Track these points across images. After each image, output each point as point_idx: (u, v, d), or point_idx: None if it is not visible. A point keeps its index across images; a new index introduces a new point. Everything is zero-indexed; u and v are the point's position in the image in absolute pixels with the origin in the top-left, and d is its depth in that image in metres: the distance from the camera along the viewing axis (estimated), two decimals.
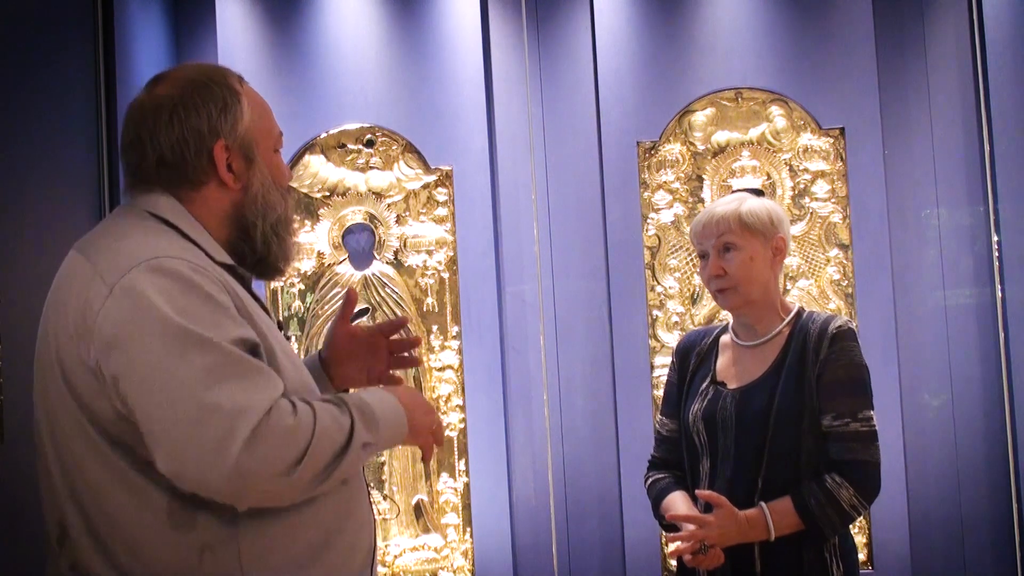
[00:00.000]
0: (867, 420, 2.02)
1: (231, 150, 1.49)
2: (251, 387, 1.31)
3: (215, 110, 1.48)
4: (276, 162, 1.58)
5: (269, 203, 1.53)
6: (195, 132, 1.47)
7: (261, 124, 1.54)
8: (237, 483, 1.28)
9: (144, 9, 3.23)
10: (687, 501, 2.12)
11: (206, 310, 1.34)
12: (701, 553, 1.98)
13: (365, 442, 1.40)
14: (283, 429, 1.30)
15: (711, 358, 2.20)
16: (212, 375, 1.29)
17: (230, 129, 1.49)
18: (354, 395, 1.47)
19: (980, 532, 3.36)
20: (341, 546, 1.49)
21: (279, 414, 1.31)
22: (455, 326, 3.36)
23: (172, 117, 1.47)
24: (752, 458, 2.04)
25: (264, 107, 1.58)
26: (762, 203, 2.16)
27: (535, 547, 3.37)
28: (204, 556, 1.38)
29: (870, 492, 2.01)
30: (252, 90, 1.58)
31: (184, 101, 1.48)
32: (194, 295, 1.34)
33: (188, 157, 1.47)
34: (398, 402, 1.50)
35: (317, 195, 3.39)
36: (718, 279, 2.12)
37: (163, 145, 1.47)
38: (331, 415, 1.37)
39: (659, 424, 2.30)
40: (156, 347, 1.30)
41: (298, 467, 1.31)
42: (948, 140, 3.44)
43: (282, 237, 1.56)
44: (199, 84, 1.49)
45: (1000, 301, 3.35)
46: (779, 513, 1.98)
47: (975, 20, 3.40)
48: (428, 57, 3.42)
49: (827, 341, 2.05)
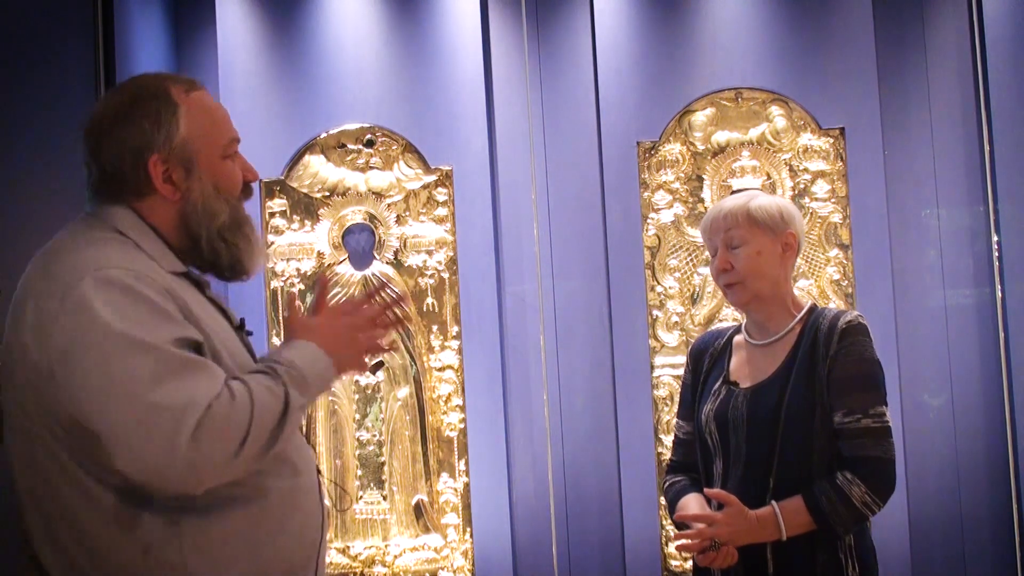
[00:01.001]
0: (879, 416, 1.99)
1: (168, 162, 1.54)
2: (191, 383, 1.40)
3: (148, 124, 1.53)
4: (223, 169, 1.61)
5: (210, 211, 1.58)
6: (130, 147, 1.53)
7: (206, 133, 1.58)
8: (189, 473, 1.37)
9: (144, 9, 3.23)
10: (700, 502, 2.10)
11: (147, 316, 1.42)
12: (712, 550, 1.96)
13: (300, 404, 1.50)
14: (224, 418, 1.39)
15: (724, 358, 2.18)
16: (154, 376, 1.38)
17: (164, 142, 1.53)
18: (282, 356, 1.53)
19: (980, 532, 3.36)
20: (284, 540, 1.55)
21: (219, 405, 1.40)
22: (455, 326, 3.36)
23: (110, 133, 1.54)
24: (763, 457, 2.01)
25: (213, 115, 1.61)
26: (773, 199, 2.14)
27: (535, 547, 3.37)
28: (148, 553, 1.46)
29: (883, 489, 1.97)
30: (204, 97, 1.61)
31: (120, 117, 1.54)
32: (136, 303, 1.43)
33: (126, 171, 1.54)
34: (319, 348, 1.56)
35: (317, 195, 3.39)
36: (725, 273, 2.10)
37: (103, 160, 1.55)
38: (266, 388, 1.46)
39: (676, 427, 2.28)
40: (103, 355, 1.39)
41: (244, 447, 1.41)
42: (948, 140, 3.44)
43: (230, 242, 1.60)
44: (135, 99, 1.55)
45: (1000, 301, 3.34)
46: (790, 512, 1.95)
47: (975, 20, 3.40)
48: (428, 57, 3.42)
49: (837, 336, 2.02)
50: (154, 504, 1.45)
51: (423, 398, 3.35)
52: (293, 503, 1.57)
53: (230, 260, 1.62)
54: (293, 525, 1.57)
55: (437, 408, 3.34)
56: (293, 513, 1.57)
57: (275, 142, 3.39)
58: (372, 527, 3.32)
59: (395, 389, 3.36)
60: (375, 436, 3.35)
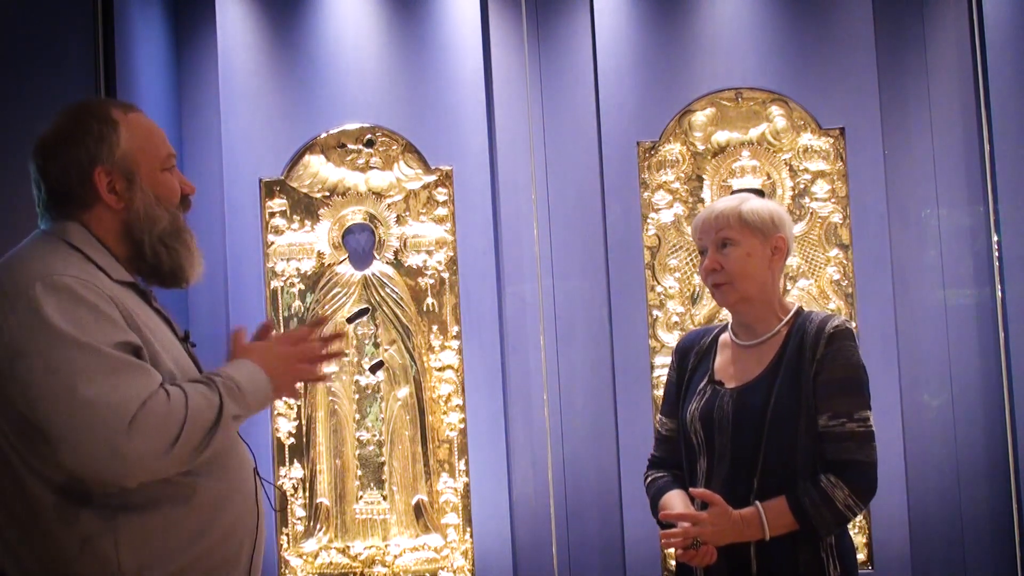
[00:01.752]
0: (863, 420, 2.01)
1: (112, 173, 1.68)
2: (128, 382, 1.52)
3: (91, 141, 1.67)
4: (162, 180, 1.74)
5: (152, 217, 1.71)
6: (76, 163, 1.67)
7: (144, 147, 1.72)
8: (121, 466, 1.49)
9: (144, 9, 3.23)
10: (684, 500, 2.12)
11: (91, 320, 1.54)
12: (693, 548, 1.98)
13: (234, 415, 1.62)
14: (158, 416, 1.51)
15: (710, 357, 2.20)
16: (93, 374, 1.50)
17: (107, 155, 1.67)
18: (223, 371, 1.66)
19: (980, 532, 3.36)
20: (213, 539, 1.66)
21: (154, 403, 1.52)
22: (455, 326, 3.36)
23: (56, 153, 1.68)
24: (748, 457, 2.04)
25: (150, 132, 1.75)
26: (765, 203, 2.16)
27: (535, 547, 3.37)
28: (84, 547, 1.57)
29: (865, 493, 2.00)
30: (140, 117, 1.75)
31: (65, 138, 1.68)
32: (81, 307, 1.54)
33: (73, 185, 1.67)
34: (259, 368, 1.69)
35: (317, 195, 3.39)
36: (714, 273, 2.13)
37: (52, 178, 1.69)
38: (202, 395, 1.58)
39: (659, 423, 2.31)
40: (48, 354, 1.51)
41: (175, 446, 1.52)
42: (948, 140, 3.44)
43: (171, 248, 1.73)
44: (77, 120, 1.69)
45: (1000, 301, 3.34)
46: (774, 512, 1.98)
47: (975, 20, 3.40)
48: (428, 57, 3.42)
49: (824, 340, 2.04)
50: (92, 500, 1.56)
51: (423, 398, 3.35)
52: (224, 503, 1.68)
53: (171, 266, 1.74)
54: (223, 525, 1.67)
55: (437, 408, 3.34)
56: (222, 513, 1.68)
57: (275, 142, 3.39)
58: (372, 527, 3.32)
59: (395, 389, 3.36)
60: (375, 436, 3.35)
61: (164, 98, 3.40)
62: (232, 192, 3.37)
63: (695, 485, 2.12)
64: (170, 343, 1.70)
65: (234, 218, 3.37)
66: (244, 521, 1.73)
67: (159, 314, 1.74)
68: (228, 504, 1.69)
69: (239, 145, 3.38)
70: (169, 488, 1.60)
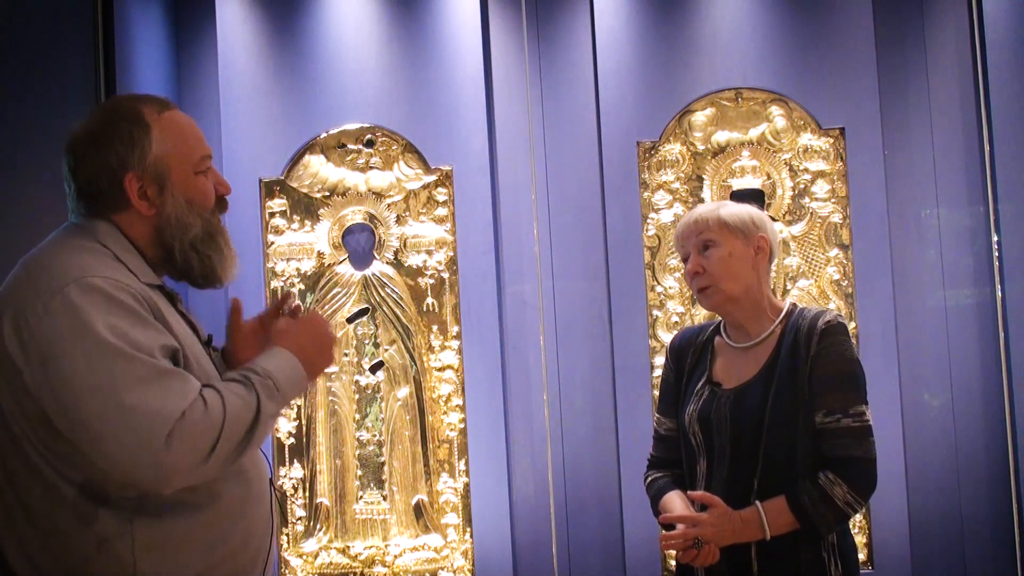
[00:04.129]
0: (859, 415, 2.01)
1: (143, 179, 1.64)
2: (167, 391, 1.48)
3: (122, 145, 1.63)
4: (196, 184, 1.70)
5: (184, 223, 1.68)
6: (106, 167, 1.63)
7: (177, 151, 1.67)
8: (159, 474, 1.47)
9: (144, 9, 3.23)
10: (684, 500, 2.12)
11: (128, 323, 1.51)
12: (694, 548, 1.98)
13: (272, 414, 1.59)
14: (196, 425, 1.48)
15: (706, 358, 2.20)
16: (133, 381, 1.47)
17: (138, 161, 1.63)
18: (259, 365, 1.62)
19: (980, 532, 3.36)
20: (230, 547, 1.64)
21: (192, 412, 1.48)
22: (455, 326, 3.36)
23: (85, 154, 1.64)
24: (747, 458, 2.04)
25: (183, 133, 1.69)
26: (743, 207, 2.18)
27: (535, 547, 3.37)
28: (101, 548, 1.55)
29: (864, 489, 2.00)
30: (175, 116, 1.70)
31: (95, 139, 1.64)
32: (118, 310, 1.52)
33: (103, 188, 1.64)
34: (293, 356, 1.65)
35: (317, 195, 3.39)
36: (698, 276, 2.13)
37: (80, 179, 1.65)
38: (239, 397, 1.55)
39: (657, 423, 2.30)
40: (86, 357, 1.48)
41: (212, 454, 1.50)
42: (948, 140, 3.44)
43: (202, 252, 1.70)
44: (109, 122, 1.65)
45: (1000, 301, 3.34)
46: (774, 512, 1.98)
47: (975, 20, 3.40)
48: (428, 57, 3.42)
49: (816, 336, 2.04)
50: (111, 501, 1.54)
51: (423, 398, 3.35)
52: (242, 511, 1.66)
53: (202, 270, 1.72)
54: (240, 532, 1.66)
55: (437, 408, 3.34)
56: (240, 521, 1.66)
57: (275, 142, 3.39)
58: (372, 527, 3.32)
59: (395, 389, 3.36)
60: (375, 436, 3.35)
61: None
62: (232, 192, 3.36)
63: (695, 486, 2.12)
64: (197, 348, 1.68)
65: (234, 218, 3.37)
66: (260, 531, 1.71)
67: (184, 317, 1.72)
68: (247, 512, 1.68)
69: (239, 145, 3.38)
70: (191, 494, 1.58)
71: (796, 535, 1.99)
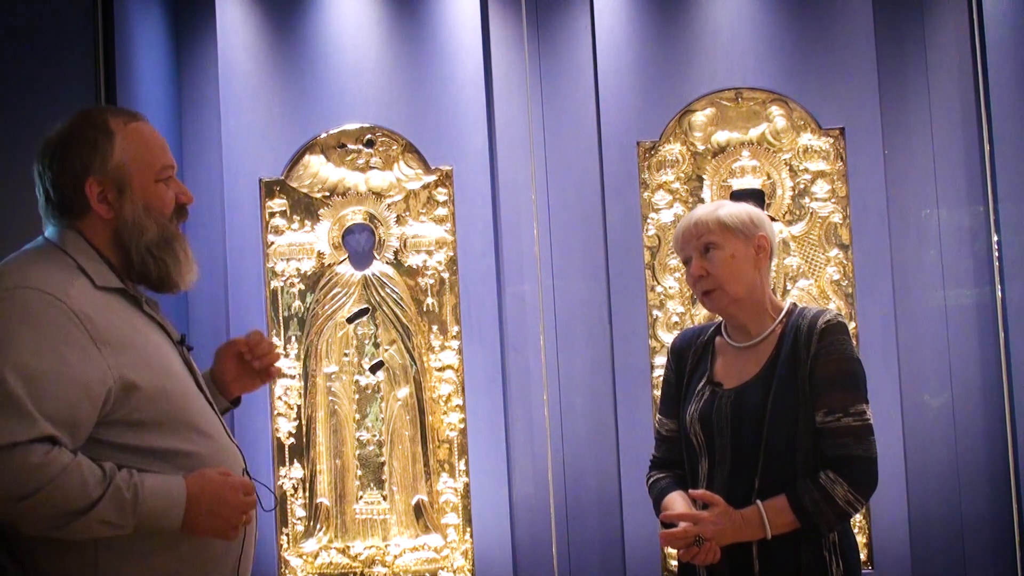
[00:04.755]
0: (860, 414, 2.01)
1: (104, 183, 1.71)
2: (7, 418, 1.51)
3: (86, 151, 1.70)
4: (155, 191, 1.76)
5: (140, 227, 1.73)
6: (70, 171, 1.70)
7: (139, 158, 1.74)
8: None
9: (144, 9, 3.23)
10: (685, 500, 2.12)
11: (29, 339, 1.55)
12: (695, 546, 1.98)
13: (106, 520, 1.56)
14: (19, 465, 1.50)
15: (707, 358, 2.20)
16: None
17: (99, 166, 1.70)
18: (143, 478, 1.61)
19: (980, 532, 3.36)
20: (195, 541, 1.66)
21: (25, 452, 1.50)
22: (455, 326, 3.36)
23: (52, 161, 1.72)
24: (748, 458, 2.04)
25: (148, 142, 1.76)
26: (741, 206, 2.17)
27: (535, 547, 3.37)
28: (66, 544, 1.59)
29: (866, 488, 2.00)
30: (141, 127, 1.77)
31: (60, 145, 1.72)
32: (24, 325, 1.56)
33: (67, 193, 1.71)
34: (183, 499, 1.62)
35: (317, 195, 3.39)
36: (701, 280, 2.13)
37: (48, 184, 1.73)
38: (83, 480, 1.54)
39: (658, 424, 2.31)
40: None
41: (23, 502, 1.50)
42: (948, 140, 3.44)
43: (158, 257, 1.75)
44: (76, 128, 1.73)
45: (1000, 301, 3.34)
46: (775, 511, 1.98)
47: (975, 20, 3.40)
48: (428, 57, 3.42)
49: (816, 336, 2.04)
50: None
51: (423, 398, 3.35)
52: None
53: (158, 274, 1.76)
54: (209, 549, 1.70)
55: (437, 408, 3.34)
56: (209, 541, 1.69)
57: (275, 142, 3.39)
58: (372, 527, 3.32)
59: (395, 389, 3.36)
60: (375, 436, 3.35)
61: (164, 98, 3.40)
62: (232, 192, 3.37)
63: (696, 486, 2.12)
64: (158, 348, 1.71)
65: (234, 218, 3.37)
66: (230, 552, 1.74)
67: (151, 318, 1.76)
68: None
69: (239, 145, 3.38)
70: None
71: (797, 534, 1.99)
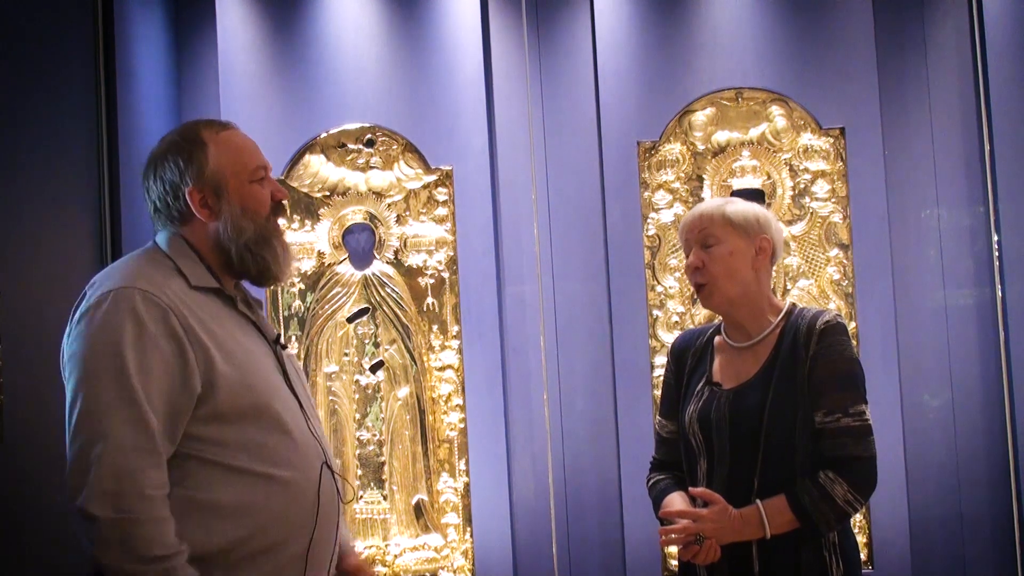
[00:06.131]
0: (859, 415, 2.01)
1: (203, 191, 1.84)
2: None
3: (183, 163, 1.84)
4: (250, 192, 1.88)
5: (238, 228, 1.85)
6: (171, 184, 1.85)
7: (233, 163, 1.87)
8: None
9: (144, 9, 3.23)
10: (685, 501, 2.13)
11: (136, 346, 1.66)
12: (695, 544, 1.98)
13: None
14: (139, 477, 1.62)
15: (707, 359, 2.20)
16: (110, 406, 1.63)
17: (196, 175, 1.84)
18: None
19: (980, 532, 3.36)
20: (266, 541, 1.73)
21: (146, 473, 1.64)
22: (455, 326, 3.36)
23: (155, 175, 1.87)
24: (747, 458, 2.04)
25: (239, 148, 1.89)
26: (750, 205, 2.17)
27: (535, 547, 3.37)
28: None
29: (865, 487, 2.00)
30: (232, 135, 1.90)
31: (161, 160, 1.87)
32: (130, 322, 1.68)
33: (170, 203, 1.86)
34: None
35: (317, 195, 3.39)
36: (697, 271, 2.13)
37: (153, 196, 1.88)
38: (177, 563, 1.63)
39: (658, 425, 2.30)
40: (84, 372, 1.67)
41: (123, 515, 1.60)
42: (948, 140, 3.44)
43: (256, 253, 1.87)
44: (171, 145, 1.87)
45: (1000, 301, 3.35)
46: (774, 511, 1.98)
47: (975, 20, 3.40)
48: (428, 57, 3.42)
49: (815, 337, 2.04)
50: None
51: (423, 398, 3.35)
52: (282, 510, 1.76)
53: (257, 269, 1.88)
54: (278, 529, 1.75)
55: (437, 408, 3.34)
56: (282, 519, 1.76)
57: (275, 142, 3.39)
58: (372, 527, 3.32)
59: (395, 389, 3.36)
60: (375, 436, 3.35)
61: (164, 98, 3.40)
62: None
63: (695, 486, 2.12)
64: (243, 344, 1.80)
65: None
66: (296, 513, 1.78)
67: (245, 317, 1.87)
68: (287, 513, 1.76)
69: None
70: (226, 474, 1.71)
71: (797, 534, 1.99)
